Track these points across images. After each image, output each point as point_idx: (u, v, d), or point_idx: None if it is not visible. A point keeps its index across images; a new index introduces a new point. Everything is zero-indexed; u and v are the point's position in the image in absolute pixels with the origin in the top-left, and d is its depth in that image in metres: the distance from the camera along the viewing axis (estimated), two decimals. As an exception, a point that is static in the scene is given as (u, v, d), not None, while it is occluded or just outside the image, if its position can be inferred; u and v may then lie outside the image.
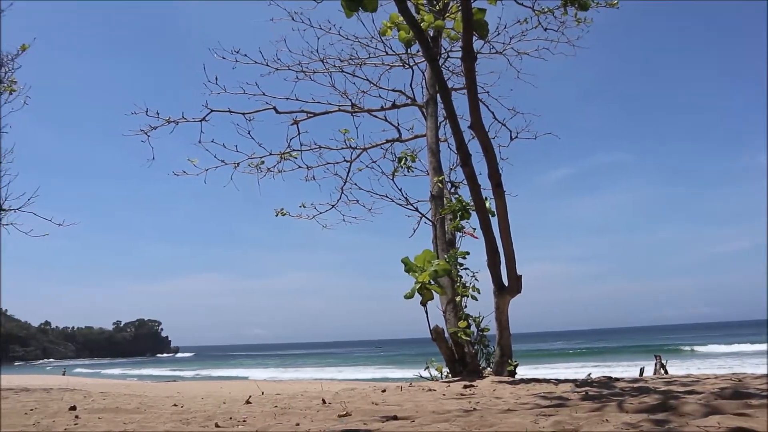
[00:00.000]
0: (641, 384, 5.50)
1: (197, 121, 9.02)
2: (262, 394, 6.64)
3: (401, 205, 9.78)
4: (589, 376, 8.11)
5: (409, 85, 10.11)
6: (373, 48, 10.18)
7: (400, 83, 10.73)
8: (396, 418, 3.90)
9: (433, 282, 6.85)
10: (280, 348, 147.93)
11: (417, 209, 9.70)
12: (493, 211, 6.88)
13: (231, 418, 4.33)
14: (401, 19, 6.67)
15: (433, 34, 8.82)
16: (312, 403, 5.17)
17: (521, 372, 7.48)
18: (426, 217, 9.33)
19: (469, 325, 7.65)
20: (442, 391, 5.71)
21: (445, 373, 7.75)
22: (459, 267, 8.14)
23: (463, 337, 7.49)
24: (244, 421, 4.19)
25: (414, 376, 8.17)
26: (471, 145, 7.09)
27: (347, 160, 10.35)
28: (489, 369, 7.56)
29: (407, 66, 10.13)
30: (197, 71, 8.89)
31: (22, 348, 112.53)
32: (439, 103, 9.03)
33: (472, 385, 6.11)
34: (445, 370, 7.75)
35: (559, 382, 6.28)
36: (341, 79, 10.28)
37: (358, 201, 10.35)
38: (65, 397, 7.58)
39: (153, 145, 8.87)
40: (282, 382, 27.17)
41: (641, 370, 17.10)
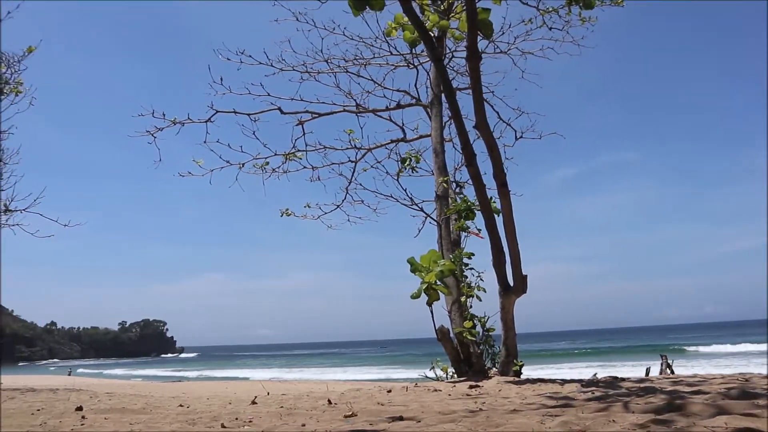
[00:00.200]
0: (647, 384, 5.48)
1: (202, 122, 9.04)
2: (268, 394, 6.65)
3: (406, 205, 9.79)
4: (595, 376, 8.08)
5: (414, 85, 10.11)
6: (378, 48, 10.18)
7: (404, 83, 10.69)
8: (402, 419, 3.89)
9: (439, 282, 6.85)
10: (284, 348, 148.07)
11: (422, 209, 9.71)
12: (499, 209, 6.87)
13: (237, 419, 4.34)
14: (406, 19, 6.67)
15: (437, 34, 8.83)
16: (318, 403, 5.17)
17: (526, 372, 7.47)
18: (431, 217, 9.33)
19: (474, 325, 7.65)
20: (448, 392, 5.71)
21: (451, 374, 7.74)
22: (464, 267, 8.14)
23: (468, 337, 7.49)
24: (250, 421, 4.20)
25: (419, 376, 8.16)
26: (476, 144, 7.09)
27: (352, 161, 10.34)
28: (494, 369, 7.54)
29: (412, 66, 10.12)
30: (202, 72, 8.92)
31: (28, 348, 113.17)
32: (444, 103, 9.03)
33: (478, 386, 6.10)
34: (451, 371, 7.74)
35: (564, 382, 6.26)
36: (346, 79, 10.26)
37: (363, 201, 10.35)
38: (72, 397, 7.60)
39: (159, 146, 8.93)
40: (287, 383, 27.20)
41: (647, 370, 17.00)
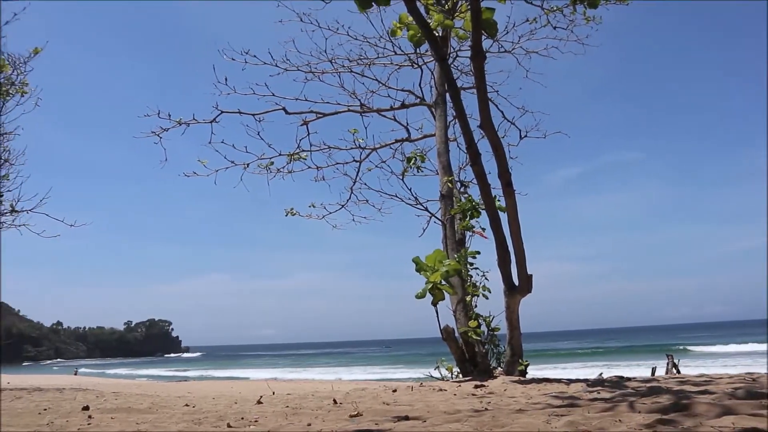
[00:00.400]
0: (654, 384, 5.46)
1: (207, 122, 9.07)
2: (273, 394, 6.67)
3: (411, 204, 9.79)
4: (601, 375, 8.06)
5: (418, 84, 10.11)
6: (382, 48, 10.18)
7: (409, 83, 10.74)
8: (407, 419, 3.90)
9: (444, 282, 6.84)
10: (289, 348, 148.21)
11: (426, 209, 9.70)
12: (504, 207, 6.86)
13: (243, 418, 4.35)
14: (411, 19, 6.66)
15: (442, 33, 8.80)
16: (323, 403, 5.18)
17: (532, 372, 7.45)
18: (436, 217, 9.32)
19: (479, 325, 7.63)
20: (453, 391, 5.70)
21: (456, 373, 7.73)
22: (469, 266, 8.13)
23: (473, 336, 7.48)
24: (256, 421, 4.21)
25: (424, 376, 8.16)
26: (480, 144, 7.08)
27: (357, 160, 10.35)
28: (500, 369, 7.52)
29: (416, 65, 10.12)
30: (207, 72, 8.95)
31: (34, 348, 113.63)
32: (449, 103, 9.02)
33: (483, 385, 6.10)
34: (456, 370, 7.74)
35: (570, 381, 6.25)
36: (350, 79, 10.27)
37: (367, 201, 10.36)
38: (78, 396, 7.64)
39: (164, 146, 8.95)
40: (292, 382, 27.25)
41: (653, 370, 16.97)
